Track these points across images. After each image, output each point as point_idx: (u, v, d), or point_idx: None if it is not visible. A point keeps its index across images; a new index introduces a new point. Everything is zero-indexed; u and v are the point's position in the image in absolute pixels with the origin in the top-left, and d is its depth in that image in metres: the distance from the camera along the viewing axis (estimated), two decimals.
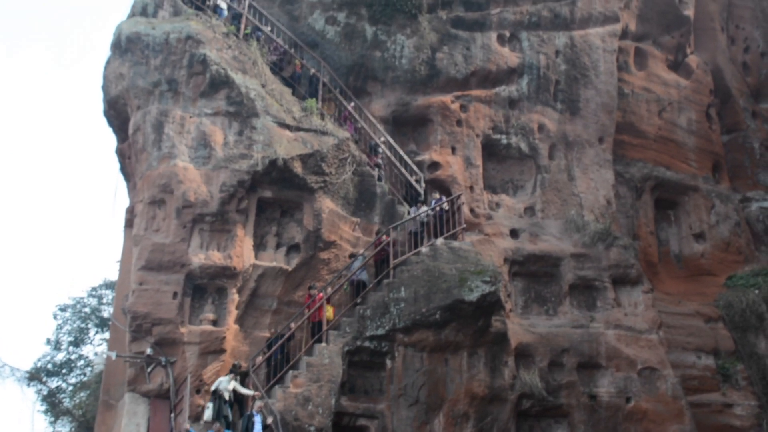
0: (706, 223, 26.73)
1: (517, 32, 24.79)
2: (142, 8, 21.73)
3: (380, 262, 19.40)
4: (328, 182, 19.94)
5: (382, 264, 19.26)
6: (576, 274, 22.25)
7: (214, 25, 21.11)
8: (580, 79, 25.04)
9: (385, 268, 18.97)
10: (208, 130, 19.53)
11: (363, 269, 19.11)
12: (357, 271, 19.03)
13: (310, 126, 20.32)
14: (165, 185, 18.85)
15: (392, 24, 23.21)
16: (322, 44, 23.08)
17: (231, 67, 20.22)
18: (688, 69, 28.95)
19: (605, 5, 26.01)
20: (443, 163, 22.51)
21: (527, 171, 24.02)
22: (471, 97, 23.47)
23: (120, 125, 21.84)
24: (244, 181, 18.93)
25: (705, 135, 28.35)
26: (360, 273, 19.07)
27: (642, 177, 26.18)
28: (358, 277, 19.04)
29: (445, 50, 23.50)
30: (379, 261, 19.42)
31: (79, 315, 36.82)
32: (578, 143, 24.49)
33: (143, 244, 18.60)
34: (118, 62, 20.71)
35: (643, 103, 27.07)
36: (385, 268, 18.99)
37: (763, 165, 30.01)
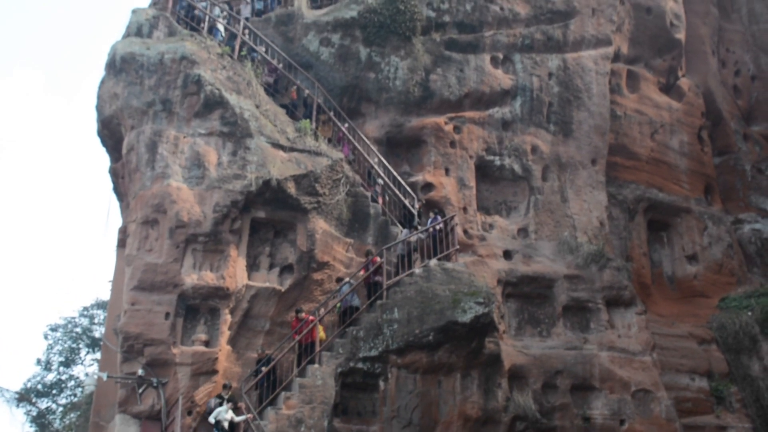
0: (698, 244, 26.80)
1: (511, 54, 24.92)
2: (137, 29, 21.76)
3: (371, 285, 19.33)
4: (322, 203, 19.93)
5: (374, 286, 19.19)
6: (569, 295, 22.26)
7: (208, 46, 21.15)
8: (573, 101, 25.17)
9: (376, 290, 18.91)
10: (202, 150, 19.51)
11: (353, 294, 19.00)
12: (347, 295, 18.89)
13: (303, 147, 20.34)
14: (158, 205, 18.79)
15: (386, 46, 23.32)
16: (317, 65, 23.15)
17: (225, 88, 20.24)
18: (679, 92, 29.15)
19: (597, 28, 26.21)
20: (437, 185, 22.54)
21: (520, 192, 24.07)
22: (464, 118, 23.56)
23: (114, 145, 21.80)
24: (237, 202, 18.89)
25: (697, 157, 28.50)
26: (350, 298, 18.94)
27: (635, 199, 26.27)
28: (349, 303, 18.89)
29: (439, 72, 23.61)
30: (371, 284, 19.35)
31: (70, 335, 36.63)
32: (571, 165, 24.58)
33: (136, 264, 18.52)
34: (112, 82, 20.71)
35: (636, 125, 27.21)
36: (376, 290, 18.92)
37: (755, 187, 30.15)
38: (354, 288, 18.97)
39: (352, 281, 19.19)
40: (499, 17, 24.92)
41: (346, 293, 18.83)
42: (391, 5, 23.33)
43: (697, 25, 30.65)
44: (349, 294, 18.86)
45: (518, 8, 25.32)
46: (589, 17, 26.19)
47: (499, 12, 24.93)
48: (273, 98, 21.76)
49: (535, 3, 25.66)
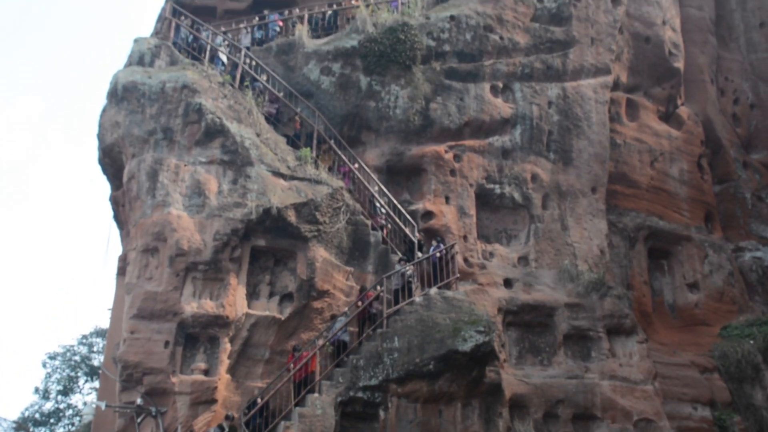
0: (699, 272, 26.76)
1: (510, 83, 25.06)
2: (139, 58, 21.93)
3: (363, 320, 19.22)
4: (322, 231, 19.94)
5: (368, 319, 19.08)
6: (570, 324, 22.18)
7: (210, 75, 21.30)
8: (573, 129, 25.26)
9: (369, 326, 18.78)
10: (203, 178, 19.56)
11: (345, 330, 18.84)
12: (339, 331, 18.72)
13: (304, 175, 20.39)
14: (158, 233, 18.80)
15: (386, 75, 23.45)
16: (317, 94, 23.28)
17: (226, 116, 20.34)
18: (679, 120, 29.28)
19: (597, 57, 26.39)
20: (437, 213, 22.54)
21: (521, 221, 24.07)
22: (464, 147, 23.63)
23: (114, 173, 21.88)
24: (237, 230, 18.90)
25: (697, 185, 28.55)
26: (341, 334, 18.77)
27: (635, 227, 26.28)
28: (340, 338, 18.70)
29: (439, 101, 23.73)
30: (363, 320, 19.23)
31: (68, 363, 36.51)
32: (571, 193, 24.61)
33: (135, 292, 18.49)
34: (114, 110, 20.81)
35: (636, 153, 27.29)
36: (369, 325, 18.79)
37: (755, 215, 30.18)
38: (346, 323, 18.83)
39: (345, 316, 19.10)
40: (499, 46, 25.10)
41: (338, 329, 18.69)
42: (392, 35, 23.52)
43: (695, 54, 30.89)
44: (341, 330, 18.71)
45: (518, 38, 25.51)
46: (588, 46, 26.37)
47: (498, 41, 25.11)
48: (275, 128, 21.84)
49: (534, 32, 25.86)
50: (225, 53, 23.00)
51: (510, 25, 25.55)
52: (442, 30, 24.51)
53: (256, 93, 22.02)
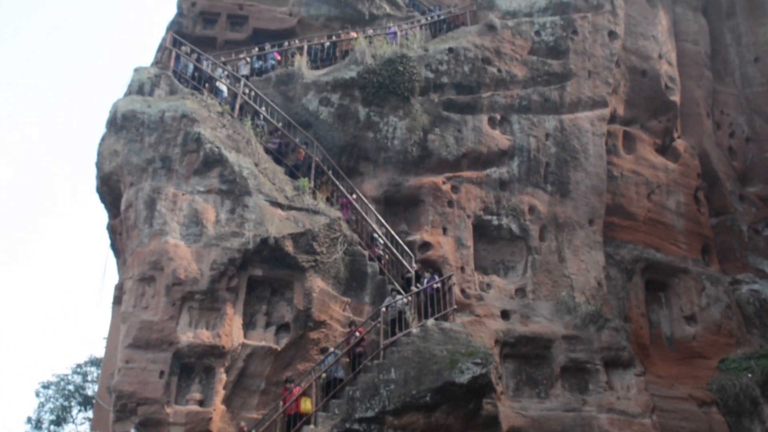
0: (696, 305, 26.69)
1: (508, 115, 25.21)
2: (138, 87, 22.05)
3: (354, 357, 19.08)
4: (319, 261, 19.91)
5: (357, 359, 18.92)
6: (567, 356, 22.09)
7: (209, 104, 21.41)
8: (570, 161, 25.37)
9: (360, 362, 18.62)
10: (201, 207, 19.57)
11: (337, 365, 18.69)
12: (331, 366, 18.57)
13: (302, 205, 20.41)
14: (155, 262, 18.76)
15: (385, 106, 23.59)
16: (316, 124, 23.39)
17: (225, 146, 20.41)
18: (675, 153, 29.42)
19: (594, 90, 26.58)
20: (434, 244, 22.53)
21: (518, 252, 24.07)
22: (462, 178, 23.69)
23: (112, 201, 21.89)
24: (234, 260, 18.87)
25: (694, 218, 28.61)
26: (335, 369, 18.64)
27: (632, 259, 26.26)
28: (333, 374, 18.55)
29: (437, 132, 23.84)
30: (353, 356, 19.09)
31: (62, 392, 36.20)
32: (569, 225, 24.64)
33: (131, 322, 18.39)
34: (113, 139, 20.87)
35: (632, 185, 27.38)
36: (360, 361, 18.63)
37: (752, 248, 30.19)
38: (338, 359, 18.71)
39: (337, 351, 19.01)
40: (497, 79, 25.30)
41: (330, 364, 18.55)
42: (390, 66, 23.71)
43: (691, 88, 31.13)
44: (333, 365, 18.56)
45: (515, 70, 25.72)
46: (586, 79, 26.58)
47: (496, 74, 25.32)
48: (279, 163, 21.86)
49: (532, 65, 26.09)
50: (225, 83, 23.12)
51: (508, 57, 25.79)
52: (441, 62, 24.71)
53: (255, 123, 22.10)
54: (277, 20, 27.15)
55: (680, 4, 33.04)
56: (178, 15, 26.78)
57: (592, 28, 27.48)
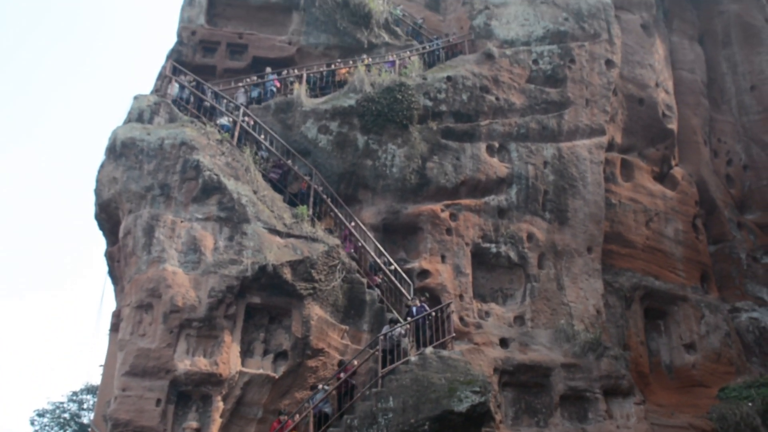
0: (696, 333, 26.63)
1: (506, 143, 25.32)
2: (138, 114, 22.14)
3: (344, 394, 18.92)
4: (318, 289, 19.87)
5: (346, 396, 18.75)
6: (567, 384, 21.99)
7: (208, 132, 21.48)
8: (568, 189, 25.44)
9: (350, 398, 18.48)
10: (199, 234, 19.57)
11: (326, 401, 18.56)
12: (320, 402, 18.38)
13: (300, 232, 20.41)
14: (153, 289, 18.72)
15: (383, 134, 23.69)
16: (315, 152, 23.46)
17: (224, 173, 20.45)
18: (673, 180, 29.52)
19: (591, 118, 26.72)
20: (433, 272, 22.52)
21: (517, 280, 24.05)
22: (461, 206, 23.74)
23: (111, 228, 21.89)
24: (233, 287, 18.83)
25: (692, 245, 28.63)
26: (323, 405, 18.44)
27: (631, 286, 26.24)
28: (322, 409, 18.34)
29: (436, 160, 23.92)
30: (343, 393, 18.92)
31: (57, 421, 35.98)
32: (567, 253, 24.65)
33: (128, 349, 18.31)
34: (112, 166, 20.92)
35: (631, 213, 27.44)
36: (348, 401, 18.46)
37: (751, 275, 30.17)
38: (328, 394, 18.57)
39: (326, 387, 18.88)
40: (495, 107, 25.44)
41: (320, 400, 18.40)
42: (389, 94, 23.85)
43: (688, 116, 31.31)
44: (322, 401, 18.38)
45: (513, 98, 25.88)
46: (583, 107, 26.74)
47: (494, 102, 25.47)
48: (280, 193, 21.86)
49: (530, 93, 26.26)
50: (224, 111, 23.21)
51: (506, 86, 25.96)
52: (439, 90, 24.86)
53: (259, 158, 22.15)
54: (276, 49, 27.33)
55: (676, 33, 33.36)
56: (178, 43, 26.96)
57: (590, 57, 27.71)
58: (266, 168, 22.35)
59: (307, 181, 22.39)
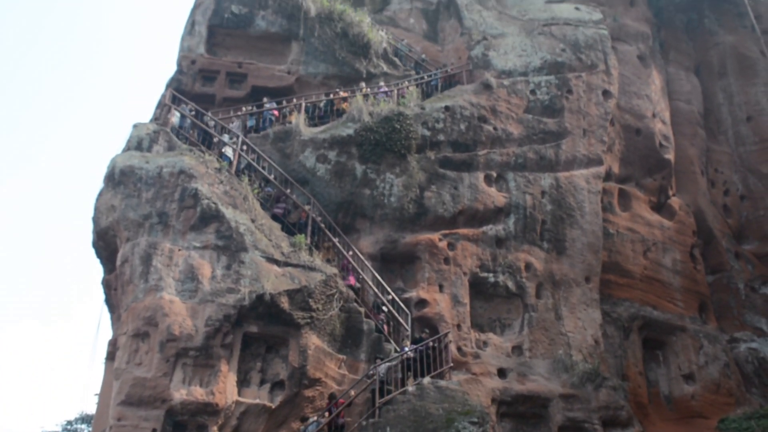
0: (694, 363, 26.51)
1: (504, 173, 25.40)
2: (137, 143, 22.22)
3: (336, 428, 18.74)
4: (315, 318, 19.80)
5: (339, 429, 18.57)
6: (565, 415, 21.85)
7: (206, 160, 21.54)
8: (566, 219, 25.47)
9: None
10: (196, 263, 19.54)
11: None
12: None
13: (298, 261, 20.39)
14: (150, 318, 18.65)
15: (382, 163, 23.76)
16: (313, 181, 23.51)
17: (222, 202, 20.47)
18: (671, 210, 29.56)
19: (589, 149, 26.83)
20: (431, 301, 22.47)
21: (514, 310, 24.00)
22: (458, 235, 23.75)
23: (108, 256, 21.87)
24: (230, 316, 18.77)
25: (690, 275, 28.60)
26: None
27: (629, 316, 26.17)
28: None
29: (434, 189, 23.98)
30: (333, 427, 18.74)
31: None
32: (565, 282, 24.62)
33: (124, 378, 18.20)
34: (110, 194, 20.95)
35: (628, 243, 27.44)
36: None
37: (749, 306, 30.10)
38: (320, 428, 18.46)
39: (320, 420, 18.76)
40: (493, 137, 25.56)
41: None
42: (387, 124, 23.97)
43: (685, 146, 31.45)
44: None
45: (511, 128, 26.01)
46: (581, 137, 26.87)
47: (492, 132, 25.59)
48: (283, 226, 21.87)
49: (527, 123, 26.40)
50: (224, 140, 23.30)
51: (503, 116, 26.11)
52: (437, 120, 24.99)
53: (258, 188, 22.19)
54: (275, 78, 27.49)
55: (673, 64, 33.63)
56: (177, 72, 27.10)
57: (587, 88, 27.90)
58: (271, 203, 22.37)
59: (306, 212, 22.38)
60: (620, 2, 32.16)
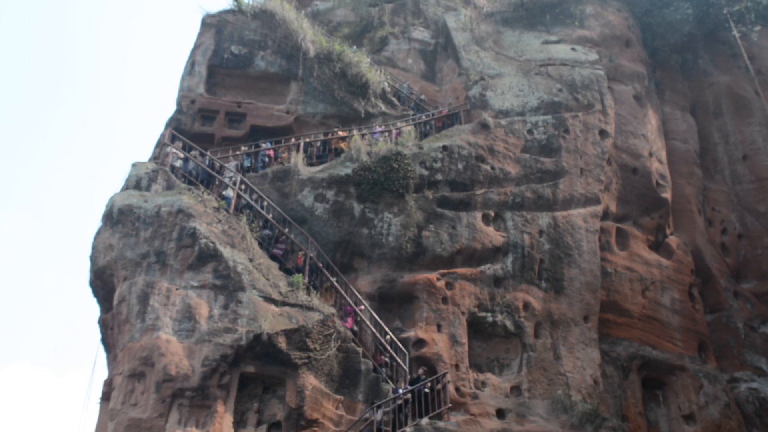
0: (695, 404, 26.29)
1: (502, 212, 25.44)
2: (136, 181, 22.33)
3: None
4: (313, 358, 19.70)
5: None
6: None
7: (205, 200, 21.63)
8: (564, 258, 25.45)
9: None
10: (194, 302, 19.50)
11: None
12: None
13: (296, 301, 20.35)
14: (146, 358, 18.57)
15: (380, 202, 23.83)
16: (311, 220, 23.54)
17: (220, 241, 20.49)
18: (668, 249, 29.54)
19: (586, 188, 26.93)
20: (429, 341, 22.34)
21: (513, 349, 23.87)
22: (457, 275, 23.71)
23: (105, 295, 21.84)
24: (227, 356, 18.68)
25: (689, 314, 28.49)
26: None
27: (628, 356, 26.01)
28: None
29: (431, 228, 24.00)
30: None
31: None
32: (563, 322, 24.53)
33: (119, 419, 18.07)
34: (108, 233, 20.99)
35: (627, 282, 27.38)
36: None
37: (749, 345, 29.93)
38: None
39: None
40: (490, 176, 25.66)
41: None
42: (385, 164, 24.09)
43: (682, 185, 31.53)
44: None
45: (509, 168, 26.13)
46: (578, 177, 26.97)
47: (490, 171, 25.70)
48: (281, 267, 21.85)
49: (525, 163, 26.52)
50: (223, 180, 23.40)
51: (501, 155, 26.24)
52: (435, 160, 25.12)
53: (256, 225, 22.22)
54: (274, 118, 27.70)
55: (668, 104, 33.88)
56: (177, 112, 27.29)
57: (584, 127, 28.08)
58: (270, 243, 22.37)
59: (303, 255, 22.29)
60: (616, 43, 32.51)
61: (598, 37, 32.03)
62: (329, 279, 22.07)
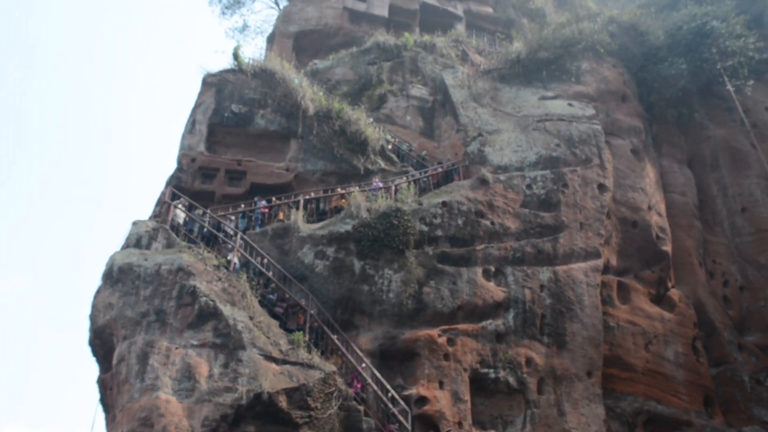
0: None
1: (502, 267, 25.41)
2: (136, 240, 22.36)
3: None
4: (314, 417, 19.45)
5: None
6: None
7: (205, 258, 21.63)
8: (566, 312, 25.35)
9: None
10: (194, 361, 19.35)
11: None
12: None
13: (296, 359, 20.19)
14: (145, 418, 18.33)
15: (380, 259, 23.82)
16: (311, 277, 23.50)
17: (220, 299, 20.43)
18: (670, 302, 29.43)
19: (586, 242, 26.94)
20: (431, 398, 22.10)
21: (516, 406, 23.59)
22: (458, 331, 23.57)
23: (104, 355, 21.65)
24: (227, 416, 18.45)
25: (693, 368, 28.22)
26: None
27: (633, 411, 25.71)
28: None
29: (432, 285, 23.94)
30: None
31: None
32: (567, 377, 24.30)
33: None
34: (108, 292, 20.93)
35: (629, 336, 27.21)
36: None
37: (755, 399, 29.58)
38: None
39: None
40: (490, 231, 25.70)
41: None
42: (385, 220, 24.17)
43: (682, 238, 31.56)
44: None
45: (508, 223, 26.18)
46: (578, 231, 27.01)
47: (490, 226, 25.75)
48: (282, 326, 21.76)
49: (524, 218, 26.59)
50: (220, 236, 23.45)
51: (500, 210, 26.33)
52: (435, 215, 25.20)
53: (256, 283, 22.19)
54: (274, 175, 27.89)
55: (666, 158, 34.13)
56: (177, 170, 27.48)
57: (582, 182, 28.23)
58: (273, 302, 22.32)
59: (303, 314, 22.21)
60: (612, 98, 32.91)
61: (595, 93, 32.43)
62: (330, 337, 21.93)
